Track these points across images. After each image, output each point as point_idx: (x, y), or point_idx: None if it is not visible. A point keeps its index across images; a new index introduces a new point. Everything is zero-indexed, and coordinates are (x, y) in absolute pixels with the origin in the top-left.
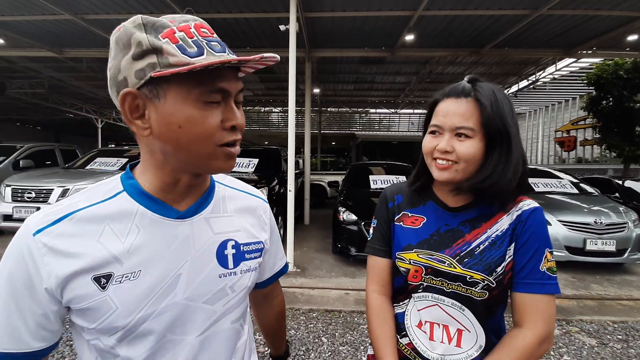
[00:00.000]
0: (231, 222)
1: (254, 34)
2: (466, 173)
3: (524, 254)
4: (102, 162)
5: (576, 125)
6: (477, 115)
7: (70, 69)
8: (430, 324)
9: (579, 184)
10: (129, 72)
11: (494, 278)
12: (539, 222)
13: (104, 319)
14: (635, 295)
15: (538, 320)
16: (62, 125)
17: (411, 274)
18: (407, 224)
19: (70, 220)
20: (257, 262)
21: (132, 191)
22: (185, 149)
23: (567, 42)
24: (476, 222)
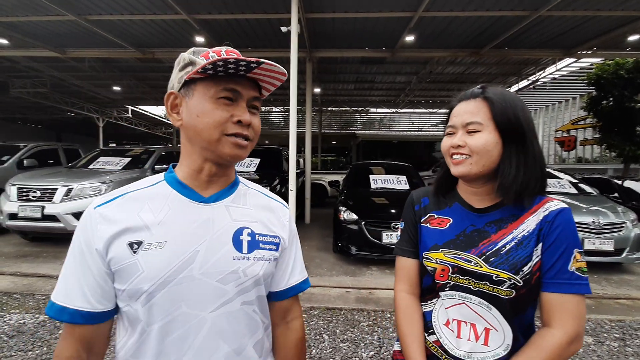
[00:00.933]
0: (249, 213)
1: (256, 35)
2: (480, 166)
3: (552, 254)
4: (104, 162)
5: (576, 125)
6: (486, 110)
7: (72, 69)
8: (458, 322)
9: (578, 184)
10: (175, 80)
11: (520, 277)
12: (567, 222)
13: (132, 280)
14: (633, 294)
15: (567, 320)
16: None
17: (438, 273)
18: (433, 225)
19: (122, 198)
20: (272, 255)
21: (169, 180)
22: (200, 134)
23: (567, 42)
24: (502, 222)
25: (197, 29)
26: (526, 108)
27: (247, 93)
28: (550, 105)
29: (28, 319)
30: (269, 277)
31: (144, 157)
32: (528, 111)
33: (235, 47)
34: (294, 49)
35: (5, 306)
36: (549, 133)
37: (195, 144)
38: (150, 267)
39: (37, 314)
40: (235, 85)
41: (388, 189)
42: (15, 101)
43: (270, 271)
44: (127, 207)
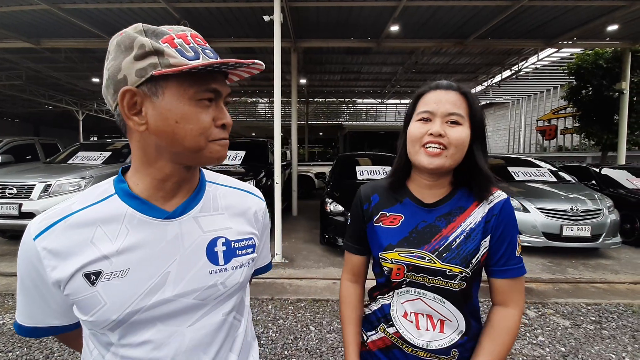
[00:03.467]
0: (221, 219)
1: (238, 24)
2: (454, 160)
3: (501, 244)
4: (84, 156)
5: (557, 115)
6: (465, 105)
7: (48, 60)
8: (415, 314)
9: (558, 172)
10: (130, 72)
11: (470, 269)
12: (510, 212)
13: (94, 312)
14: (609, 278)
15: (519, 298)
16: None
17: (394, 272)
18: (386, 223)
19: (65, 223)
20: (249, 258)
21: (122, 194)
22: (180, 142)
23: (548, 32)
24: (451, 216)
25: (177, 17)
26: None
27: (225, 90)
28: (532, 95)
29: (7, 319)
30: (248, 279)
31: (125, 151)
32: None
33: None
34: (277, 38)
35: None
36: (530, 122)
37: (164, 151)
38: (113, 298)
39: None
40: (216, 85)
41: (374, 180)
42: None
43: (249, 273)
44: (75, 236)
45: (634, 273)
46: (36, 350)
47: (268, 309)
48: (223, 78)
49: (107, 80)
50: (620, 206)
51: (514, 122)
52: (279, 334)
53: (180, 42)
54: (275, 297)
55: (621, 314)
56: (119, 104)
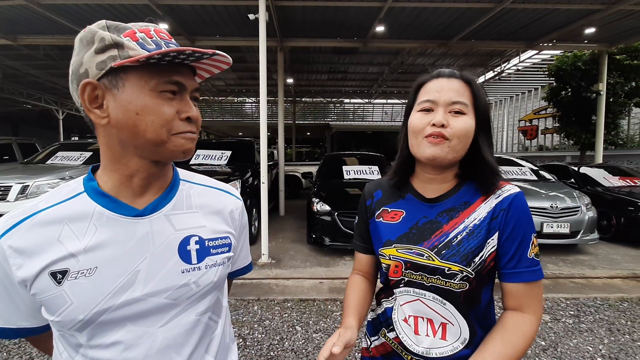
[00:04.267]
0: (195, 218)
1: (223, 22)
2: (456, 152)
3: (511, 243)
4: (64, 157)
5: (538, 115)
6: (469, 93)
7: (27, 57)
8: (415, 317)
9: (538, 171)
10: (91, 65)
11: (472, 269)
12: (522, 207)
13: (61, 312)
14: (587, 273)
15: (537, 305)
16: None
17: (392, 270)
18: (387, 219)
19: (31, 221)
20: (225, 257)
21: (91, 192)
22: (142, 135)
23: (529, 34)
24: (454, 212)
25: (160, 15)
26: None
27: (190, 84)
28: (515, 96)
29: None
30: (224, 278)
31: None
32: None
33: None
34: (262, 37)
35: None
36: (513, 123)
37: (128, 146)
38: (80, 297)
39: None
40: (180, 78)
41: (361, 179)
42: None
43: (225, 273)
44: (42, 234)
45: (610, 268)
46: (15, 356)
47: (254, 310)
48: (189, 72)
49: (71, 76)
50: (597, 203)
51: (497, 122)
52: (265, 335)
53: (142, 35)
54: (262, 298)
55: (598, 308)
56: (79, 97)
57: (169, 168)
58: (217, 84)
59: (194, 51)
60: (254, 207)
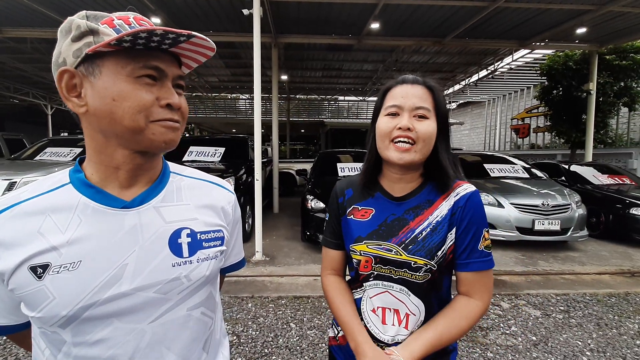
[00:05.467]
0: (187, 210)
1: (217, 17)
2: (422, 154)
3: (465, 237)
4: (53, 153)
5: (530, 114)
6: (431, 99)
7: (13, 50)
8: (383, 309)
9: (530, 169)
10: (68, 53)
11: (435, 262)
12: (477, 205)
13: (42, 308)
14: (577, 269)
15: (485, 292)
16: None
17: (362, 265)
18: (357, 217)
19: (12, 212)
20: (217, 251)
21: (77, 183)
22: (119, 122)
23: (522, 34)
24: (419, 209)
25: (152, 9)
26: None
27: (171, 71)
28: (507, 94)
29: None
30: (217, 272)
31: None
32: None
33: (196, 30)
34: (256, 32)
35: None
36: (505, 121)
37: (110, 135)
38: (62, 292)
39: None
40: (158, 63)
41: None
42: None
43: (217, 267)
44: (22, 225)
45: (599, 264)
46: (0, 357)
47: (248, 307)
48: (171, 59)
49: (53, 67)
50: (587, 201)
51: (490, 121)
52: (259, 332)
53: (120, 22)
54: (256, 295)
55: (587, 303)
56: (57, 85)
57: (157, 160)
58: (210, 80)
59: (167, 31)
60: (247, 204)
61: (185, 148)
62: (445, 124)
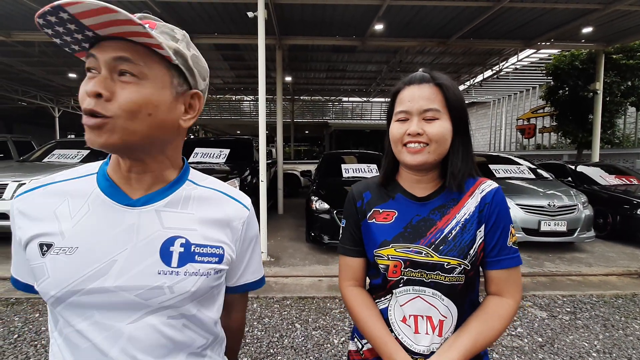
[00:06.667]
0: (187, 219)
1: (221, 20)
2: (437, 154)
3: (494, 233)
4: (61, 154)
5: (536, 114)
6: (441, 97)
7: (21, 54)
8: (414, 317)
9: (536, 170)
10: None
11: (468, 261)
12: (502, 201)
13: (39, 283)
14: (584, 271)
15: (516, 290)
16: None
17: (390, 270)
18: (379, 220)
19: (42, 190)
20: (211, 268)
21: (100, 175)
22: None
23: (527, 33)
24: (445, 208)
25: (157, 11)
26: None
27: (104, 55)
28: (513, 94)
29: None
30: (207, 291)
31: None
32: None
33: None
34: (261, 34)
35: None
36: (511, 121)
37: None
38: (56, 273)
39: None
40: (94, 50)
41: (359, 177)
42: None
43: (208, 285)
44: (46, 202)
45: (605, 265)
46: (10, 356)
47: (253, 308)
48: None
49: None
50: (594, 202)
51: (495, 121)
52: (264, 333)
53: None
54: (261, 296)
55: (594, 305)
56: None
57: (158, 165)
58: (215, 82)
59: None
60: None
61: (190, 149)
62: (462, 120)
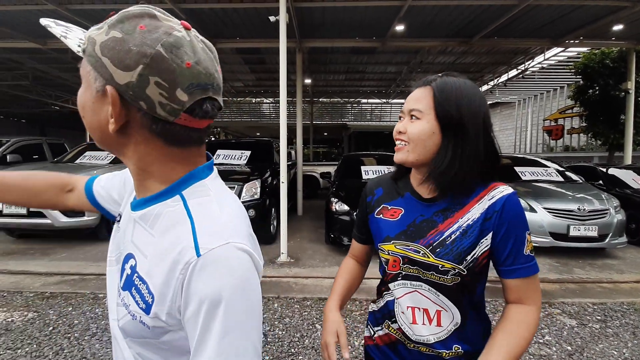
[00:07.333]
0: (147, 241)
1: (243, 25)
2: (415, 154)
3: (507, 242)
4: (91, 156)
5: (564, 114)
6: (429, 98)
7: (55, 60)
8: (412, 308)
9: (565, 172)
10: None
11: (464, 266)
12: (515, 208)
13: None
14: (615, 278)
15: (536, 296)
16: (48, 119)
17: (390, 264)
18: (386, 216)
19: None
20: (137, 312)
21: None
22: None
23: (555, 31)
24: (449, 211)
25: (183, 18)
26: (476, 101)
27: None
28: (539, 94)
29: (16, 317)
30: (140, 337)
31: None
32: (478, 104)
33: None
34: (282, 39)
35: None
36: (537, 122)
37: None
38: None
39: (25, 312)
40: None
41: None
42: None
43: (137, 330)
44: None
45: (638, 272)
46: (46, 347)
47: (274, 307)
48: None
49: None
50: (626, 206)
51: (521, 122)
52: (285, 332)
53: None
54: (282, 296)
55: (624, 312)
56: None
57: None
58: (235, 85)
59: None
60: (273, 206)
61: (213, 151)
62: (450, 121)
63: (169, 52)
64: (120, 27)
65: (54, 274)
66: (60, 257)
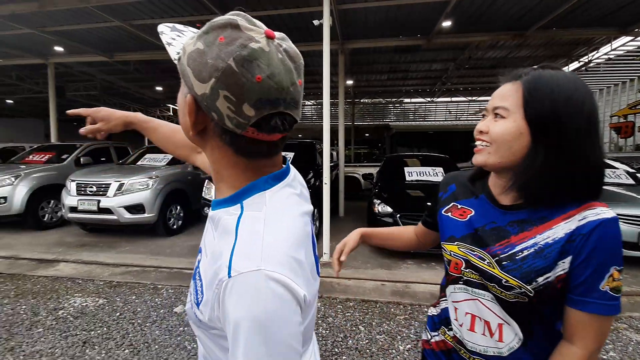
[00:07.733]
0: (211, 241)
1: (287, 30)
2: (498, 157)
3: (584, 270)
4: (151, 158)
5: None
6: (518, 95)
7: (119, 72)
8: (472, 316)
9: (636, 174)
10: None
11: (532, 287)
12: (608, 236)
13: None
14: None
15: (591, 339)
16: None
17: (452, 266)
18: (455, 215)
19: None
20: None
21: None
22: None
23: (623, 19)
24: (527, 224)
25: None
26: (578, 97)
27: None
28: (605, 88)
29: (90, 302)
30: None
31: None
32: (580, 101)
33: None
34: (326, 42)
35: (70, 290)
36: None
37: None
38: None
39: (97, 298)
40: None
41: (424, 181)
42: (70, 104)
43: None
44: None
45: None
46: (114, 331)
47: (317, 306)
48: None
49: None
50: None
51: None
52: (328, 332)
53: None
54: (324, 295)
55: None
56: None
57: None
58: None
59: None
60: (315, 207)
61: None
62: (544, 125)
63: (239, 66)
64: (204, 39)
65: (119, 265)
66: (124, 250)
